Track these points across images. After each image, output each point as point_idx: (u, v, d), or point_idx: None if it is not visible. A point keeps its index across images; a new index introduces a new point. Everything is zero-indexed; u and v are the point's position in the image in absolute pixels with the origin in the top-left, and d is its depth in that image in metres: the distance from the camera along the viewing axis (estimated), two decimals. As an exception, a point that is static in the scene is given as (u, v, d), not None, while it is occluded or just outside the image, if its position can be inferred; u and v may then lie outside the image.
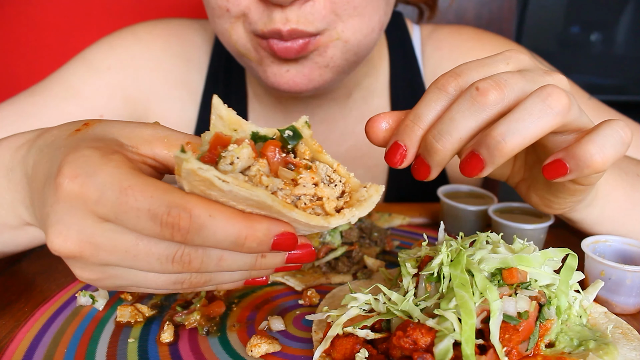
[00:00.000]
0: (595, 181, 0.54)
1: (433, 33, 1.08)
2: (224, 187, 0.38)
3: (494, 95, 0.45)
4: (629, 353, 0.51)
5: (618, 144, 0.46)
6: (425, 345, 0.46)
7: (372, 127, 0.51)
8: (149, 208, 0.38)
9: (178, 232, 0.39)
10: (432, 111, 0.48)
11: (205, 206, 0.39)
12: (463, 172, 0.47)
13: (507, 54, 0.51)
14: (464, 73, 0.48)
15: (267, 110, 1.01)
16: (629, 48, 2.26)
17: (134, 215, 0.39)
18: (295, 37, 0.73)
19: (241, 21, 0.76)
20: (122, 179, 0.40)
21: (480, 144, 0.45)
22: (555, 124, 0.45)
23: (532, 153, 0.60)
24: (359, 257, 0.72)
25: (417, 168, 0.49)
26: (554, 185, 0.58)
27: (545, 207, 0.62)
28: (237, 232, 0.40)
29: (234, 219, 0.40)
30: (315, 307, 0.63)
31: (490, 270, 0.49)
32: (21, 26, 1.51)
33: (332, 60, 0.79)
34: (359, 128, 1.03)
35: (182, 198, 0.39)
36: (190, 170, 0.37)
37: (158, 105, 1.00)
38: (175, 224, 0.38)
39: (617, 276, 0.60)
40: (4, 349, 0.53)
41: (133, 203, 0.39)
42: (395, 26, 1.06)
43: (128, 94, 0.98)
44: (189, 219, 0.38)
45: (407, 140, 0.48)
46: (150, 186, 0.39)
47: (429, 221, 0.91)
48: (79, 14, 1.52)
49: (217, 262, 0.42)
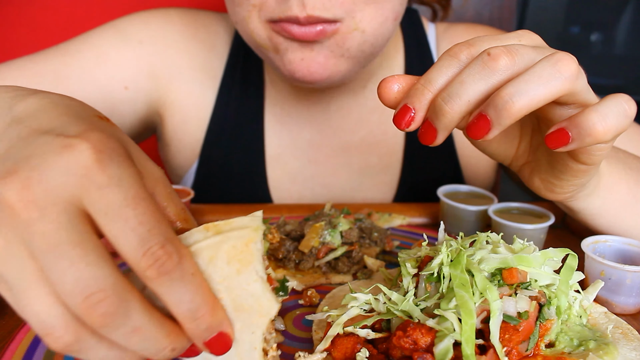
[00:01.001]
0: (598, 161, 0.54)
1: (448, 30, 1.10)
2: (251, 275, 0.40)
3: (504, 60, 0.45)
4: (629, 353, 0.51)
5: (621, 115, 0.46)
6: (425, 345, 0.46)
7: (384, 88, 0.51)
8: (150, 229, 0.35)
9: (157, 267, 0.35)
10: (443, 76, 0.48)
11: (194, 263, 0.38)
12: (469, 134, 0.47)
13: (519, 32, 0.52)
14: (477, 43, 0.49)
15: (283, 97, 1.03)
16: (629, 48, 2.26)
17: (129, 227, 0.35)
18: (313, 22, 0.75)
19: (257, 9, 0.78)
20: (140, 187, 0.36)
21: (488, 104, 0.46)
22: (563, 89, 0.46)
23: (538, 134, 0.60)
24: (359, 257, 0.72)
25: (424, 131, 0.49)
26: (557, 167, 0.58)
27: (547, 191, 0.62)
28: (202, 303, 0.38)
29: (208, 292, 0.39)
30: (315, 307, 0.63)
31: (490, 270, 0.49)
32: (21, 26, 1.51)
33: (348, 51, 0.80)
34: (374, 117, 1.04)
35: (180, 243, 0.37)
36: (250, 235, 0.39)
37: (180, 86, 1.02)
38: (162, 260, 0.35)
39: (617, 276, 0.60)
40: (4, 349, 0.53)
41: (137, 215, 0.35)
42: (410, 22, 1.07)
43: (154, 70, 0.99)
44: (176, 264, 0.36)
45: (417, 103, 0.48)
46: (160, 213, 0.36)
47: (429, 221, 0.91)
48: (79, 14, 1.52)
49: (130, 331, 0.35)
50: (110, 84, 0.94)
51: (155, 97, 1.01)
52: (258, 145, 1.03)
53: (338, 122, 1.03)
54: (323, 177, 1.05)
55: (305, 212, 0.91)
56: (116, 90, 0.95)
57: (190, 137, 1.04)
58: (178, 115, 1.03)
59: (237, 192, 1.05)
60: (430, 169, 1.06)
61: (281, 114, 1.03)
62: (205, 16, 1.06)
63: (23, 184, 0.34)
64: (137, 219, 0.35)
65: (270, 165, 1.04)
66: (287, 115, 1.03)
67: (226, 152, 1.04)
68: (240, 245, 0.39)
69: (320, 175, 1.05)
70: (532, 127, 0.60)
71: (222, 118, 1.03)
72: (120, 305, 0.34)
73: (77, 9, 1.52)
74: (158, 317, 0.37)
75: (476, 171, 1.09)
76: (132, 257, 0.35)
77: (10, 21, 1.51)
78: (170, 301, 0.37)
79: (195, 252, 0.39)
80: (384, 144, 1.05)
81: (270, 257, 0.73)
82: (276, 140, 1.04)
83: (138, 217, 0.35)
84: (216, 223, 0.41)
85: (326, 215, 0.77)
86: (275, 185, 1.04)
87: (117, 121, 0.96)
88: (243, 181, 1.04)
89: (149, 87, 0.99)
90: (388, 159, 1.05)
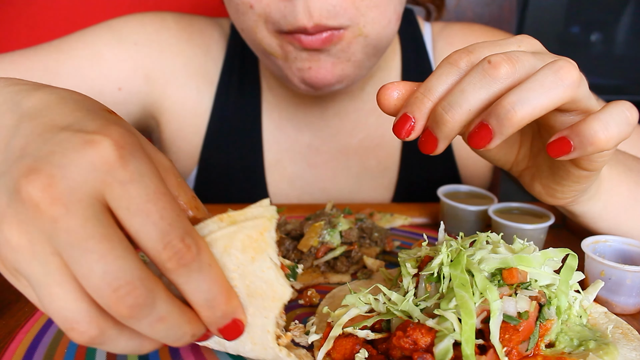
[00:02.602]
0: (600, 167, 0.54)
1: (444, 30, 1.09)
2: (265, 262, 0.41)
3: (505, 68, 0.45)
4: (629, 353, 0.51)
5: (623, 123, 0.46)
6: (425, 345, 0.46)
7: (383, 95, 0.51)
8: (170, 222, 0.36)
9: (177, 259, 0.36)
10: (442, 84, 0.48)
11: (211, 254, 0.39)
12: (471, 144, 0.47)
13: (519, 37, 0.52)
14: (476, 50, 0.49)
15: (280, 101, 1.03)
16: (629, 48, 2.26)
17: (151, 221, 0.35)
18: (320, 30, 0.76)
19: (263, 20, 0.78)
20: (160, 182, 0.37)
21: (489, 113, 0.45)
22: (565, 96, 0.45)
23: (538, 139, 0.59)
24: (358, 257, 0.72)
25: (425, 141, 0.49)
26: (558, 173, 0.58)
27: (548, 196, 0.62)
28: (218, 293, 0.39)
29: (223, 282, 0.40)
30: (315, 307, 0.63)
31: (490, 271, 0.49)
32: (21, 26, 1.51)
33: (353, 55, 0.81)
34: (372, 120, 1.04)
35: (198, 235, 0.39)
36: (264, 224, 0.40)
37: (176, 90, 1.01)
38: (182, 252, 0.36)
39: (617, 276, 0.60)
40: (4, 349, 0.53)
41: (159, 210, 0.36)
42: (406, 22, 1.07)
43: (149, 72, 0.99)
44: (195, 256, 0.37)
45: (417, 112, 0.48)
46: (179, 207, 0.37)
47: (429, 221, 0.91)
48: (79, 14, 1.52)
49: (155, 320, 0.37)
50: (103, 84, 0.93)
51: (150, 100, 1.00)
52: (257, 151, 1.03)
53: (336, 125, 1.03)
54: (322, 181, 1.05)
55: (306, 212, 0.91)
56: (109, 90, 0.94)
57: (188, 143, 1.04)
58: (175, 121, 1.03)
59: (236, 198, 1.05)
60: (427, 171, 1.06)
61: (279, 118, 1.03)
62: (201, 21, 1.06)
63: (47, 181, 0.34)
64: (159, 214, 0.36)
65: (269, 171, 1.04)
66: (285, 119, 1.03)
67: (225, 158, 1.04)
68: (255, 234, 0.41)
69: (319, 180, 1.05)
70: (533, 133, 0.60)
71: (220, 124, 1.03)
72: (148, 296, 0.35)
73: (76, 9, 1.51)
74: (180, 306, 0.38)
75: (473, 172, 1.09)
76: (153, 250, 0.36)
77: (10, 21, 1.51)
78: (188, 291, 0.38)
79: (211, 242, 0.41)
80: (382, 147, 1.05)
81: (270, 257, 0.73)
82: (275, 145, 1.04)
83: (159, 211, 0.36)
84: (230, 214, 0.41)
85: (326, 214, 0.77)
86: (275, 190, 1.04)
87: None
88: (243, 187, 1.04)
89: (143, 90, 0.98)
90: (386, 161, 1.05)
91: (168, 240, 0.36)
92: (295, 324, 0.55)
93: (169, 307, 0.37)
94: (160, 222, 0.36)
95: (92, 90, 0.92)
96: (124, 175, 0.35)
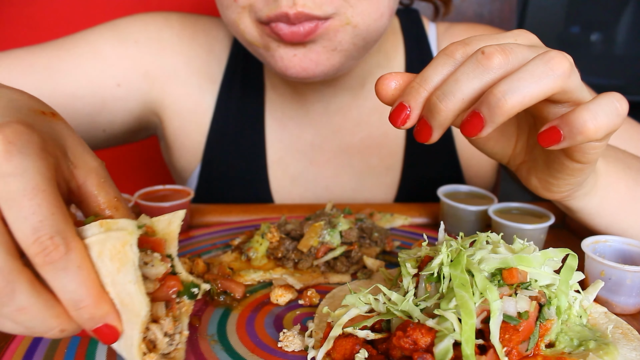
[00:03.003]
0: (592, 159, 0.54)
1: (449, 30, 1.10)
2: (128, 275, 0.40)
3: (498, 59, 0.46)
4: (629, 353, 0.51)
5: (612, 114, 0.46)
6: (425, 346, 0.46)
7: (381, 85, 0.51)
8: (41, 219, 0.37)
9: (43, 257, 0.38)
10: (438, 75, 0.48)
11: (83, 257, 0.40)
12: (463, 132, 0.47)
13: (516, 31, 0.53)
14: (472, 42, 0.49)
15: (283, 100, 1.03)
16: (629, 48, 2.26)
17: (22, 216, 0.37)
18: (303, 20, 0.74)
19: (247, 10, 0.78)
20: (42, 180, 0.38)
21: (481, 102, 0.46)
22: (555, 86, 0.46)
23: (534, 133, 0.60)
24: (358, 257, 0.72)
25: (420, 129, 0.49)
26: (553, 166, 0.58)
27: (544, 190, 0.63)
28: (85, 295, 0.40)
29: (94, 285, 0.40)
30: (315, 307, 0.63)
31: (490, 271, 0.49)
32: (21, 26, 1.51)
33: (340, 44, 0.80)
34: (374, 118, 1.04)
35: (73, 237, 0.39)
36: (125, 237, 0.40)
37: (177, 88, 1.02)
38: (49, 250, 0.38)
39: (617, 276, 0.60)
40: (4, 349, 0.53)
41: (32, 206, 0.37)
42: (411, 22, 1.07)
43: (149, 70, 0.99)
44: (62, 255, 0.38)
45: (412, 101, 0.49)
46: (57, 207, 0.39)
47: (429, 221, 0.91)
48: (79, 14, 1.52)
49: (15, 309, 0.39)
50: (101, 80, 0.94)
51: (150, 97, 1.01)
52: (259, 149, 1.03)
53: (338, 123, 1.03)
54: (324, 179, 1.05)
55: (306, 212, 0.91)
56: (108, 86, 0.95)
57: (191, 140, 1.05)
58: (177, 118, 1.03)
59: (239, 196, 1.05)
60: (431, 170, 1.05)
61: (282, 117, 1.03)
62: (206, 21, 1.06)
63: None
64: (32, 209, 0.37)
65: (272, 169, 1.04)
66: (288, 118, 1.03)
67: (228, 156, 1.04)
68: (118, 245, 0.41)
69: (321, 178, 1.05)
70: (529, 126, 0.60)
71: (223, 122, 1.03)
72: (6, 286, 0.37)
73: (76, 9, 1.52)
74: (46, 300, 0.39)
75: (477, 172, 1.09)
76: (23, 244, 0.38)
77: (10, 21, 1.51)
78: (55, 288, 0.39)
79: (89, 245, 0.41)
80: (385, 145, 1.05)
81: (270, 256, 0.73)
82: (277, 143, 1.04)
83: (33, 207, 0.37)
84: (108, 220, 0.42)
85: (326, 214, 0.77)
86: (277, 188, 1.04)
87: (107, 117, 0.96)
88: (245, 185, 1.05)
89: (142, 87, 0.99)
90: (389, 160, 1.05)
91: (37, 237, 0.37)
92: (284, 334, 0.55)
93: (31, 299, 0.38)
94: (32, 217, 0.37)
95: (92, 85, 0.93)
96: (6, 169, 0.37)
